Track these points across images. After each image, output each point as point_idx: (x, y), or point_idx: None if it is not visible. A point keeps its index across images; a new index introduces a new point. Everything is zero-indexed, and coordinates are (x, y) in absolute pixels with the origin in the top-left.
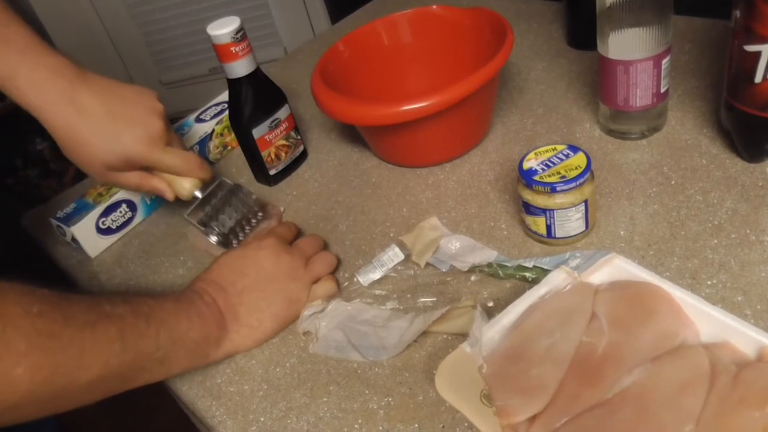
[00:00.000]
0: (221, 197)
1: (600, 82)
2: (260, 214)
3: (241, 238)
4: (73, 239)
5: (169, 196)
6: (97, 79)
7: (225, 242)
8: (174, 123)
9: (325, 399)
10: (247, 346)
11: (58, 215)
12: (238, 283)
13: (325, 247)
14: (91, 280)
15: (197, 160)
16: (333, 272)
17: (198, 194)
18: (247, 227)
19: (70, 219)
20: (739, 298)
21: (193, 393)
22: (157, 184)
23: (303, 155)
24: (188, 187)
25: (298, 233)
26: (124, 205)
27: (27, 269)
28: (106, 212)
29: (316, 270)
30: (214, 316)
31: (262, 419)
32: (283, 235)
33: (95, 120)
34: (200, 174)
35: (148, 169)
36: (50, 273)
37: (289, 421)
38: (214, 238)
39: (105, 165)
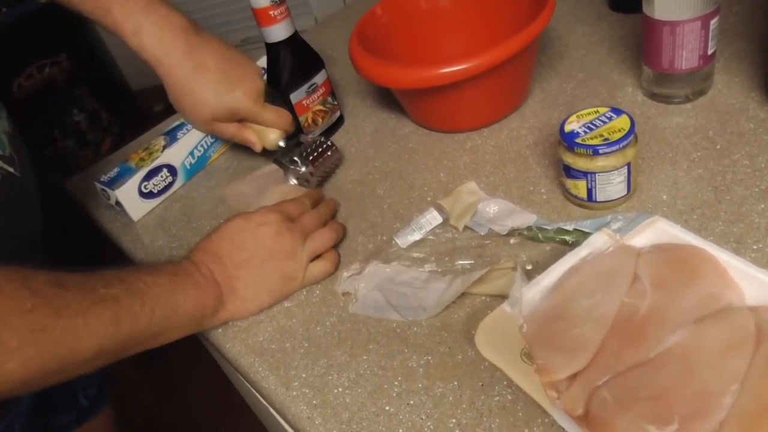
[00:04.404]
0: (303, 146)
1: (644, 44)
2: (337, 158)
3: (320, 182)
4: (117, 202)
5: (258, 148)
6: (212, 40)
7: (306, 183)
8: None
9: (365, 357)
10: (241, 316)
11: (102, 179)
12: (236, 256)
13: (345, 213)
14: (135, 243)
15: (288, 115)
16: (337, 245)
17: (282, 144)
18: (327, 171)
19: (114, 183)
20: None
21: (236, 350)
22: (250, 136)
23: (339, 121)
24: (274, 138)
25: (317, 202)
26: (165, 170)
27: (71, 234)
28: (148, 176)
29: (314, 247)
30: (211, 287)
31: (304, 375)
32: (288, 211)
33: (212, 77)
34: (289, 128)
35: (241, 122)
36: (93, 238)
37: (330, 377)
38: (294, 180)
39: (213, 115)
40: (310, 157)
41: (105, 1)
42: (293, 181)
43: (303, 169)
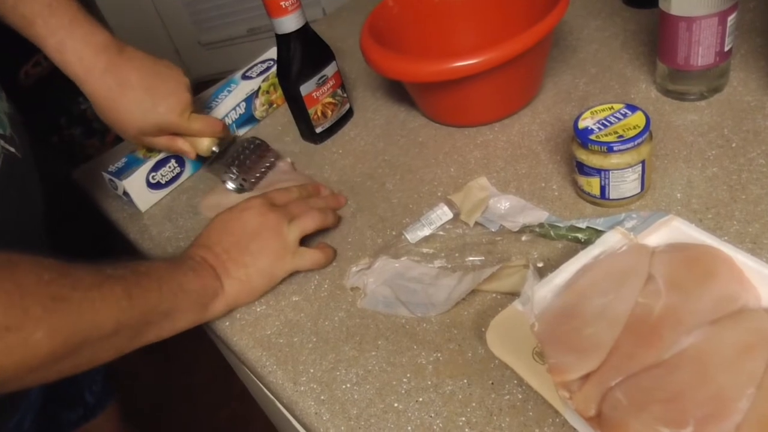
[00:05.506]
0: (236, 150)
1: (659, 40)
2: (273, 160)
3: (255, 182)
4: (125, 193)
5: (192, 156)
6: (136, 55)
7: (241, 188)
8: (214, 84)
9: (373, 353)
10: (242, 299)
11: (110, 169)
12: (225, 240)
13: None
14: (142, 234)
15: (217, 122)
16: (329, 228)
17: (215, 149)
18: (262, 171)
19: (122, 173)
20: None
21: (243, 343)
22: (182, 145)
23: (349, 113)
24: (207, 144)
25: (309, 195)
26: (173, 161)
27: (76, 224)
28: (156, 167)
29: (301, 226)
30: (206, 269)
31: (312, 370)
32: (272, 197)
33: (135, 93)
34: (220, 134)
35: (174, 132)
36: (97, 229)
37: (338, 373)
38: (231, 185)
39: (139, 131)
40: (237, 162)
41: (29, 15)
42: (230, 186)
43: (235, 174)
